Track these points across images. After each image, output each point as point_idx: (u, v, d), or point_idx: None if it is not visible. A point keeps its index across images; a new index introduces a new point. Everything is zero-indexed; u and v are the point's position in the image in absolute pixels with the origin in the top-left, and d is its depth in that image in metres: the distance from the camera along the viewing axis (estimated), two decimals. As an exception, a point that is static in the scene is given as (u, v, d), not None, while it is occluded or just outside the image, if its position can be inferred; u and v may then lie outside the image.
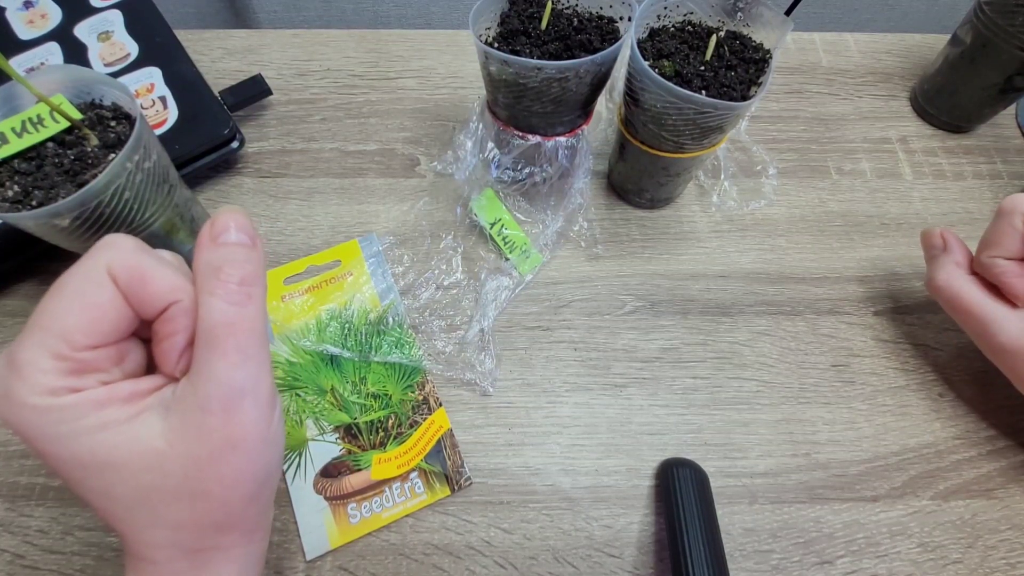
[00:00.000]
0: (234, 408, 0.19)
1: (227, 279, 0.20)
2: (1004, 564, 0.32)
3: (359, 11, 0.70)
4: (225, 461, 0.20)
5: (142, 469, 0.19)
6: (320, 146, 0.45)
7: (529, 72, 0.31)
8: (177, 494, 0.19)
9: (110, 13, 0.44)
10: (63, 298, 0.19)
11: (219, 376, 0.19)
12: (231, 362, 0.19)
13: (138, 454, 0.19)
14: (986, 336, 0.33)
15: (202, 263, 0.20)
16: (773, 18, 0.34)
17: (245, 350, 0.20)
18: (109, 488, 0.19)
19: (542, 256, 0.40)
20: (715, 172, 0.44)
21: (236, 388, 0.19)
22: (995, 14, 0.40)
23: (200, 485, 0.19)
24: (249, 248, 0.21)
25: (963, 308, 0.33)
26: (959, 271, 0.34)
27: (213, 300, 0.19)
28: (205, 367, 0.19)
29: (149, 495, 0.19)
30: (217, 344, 0.19)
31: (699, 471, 0.32)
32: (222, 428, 0.19)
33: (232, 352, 0.19)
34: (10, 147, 0.29)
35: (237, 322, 0.19)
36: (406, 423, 0.35)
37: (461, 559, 0.32)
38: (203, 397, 0.19)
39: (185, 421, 0.19)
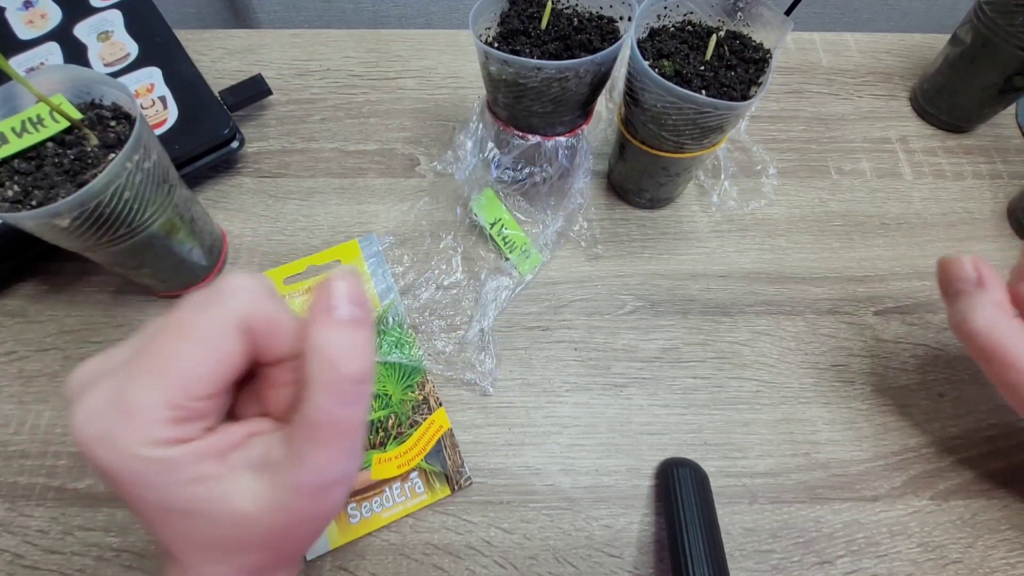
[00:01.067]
0: (325, 496, 0.19)
1: (342, 377, 0.18)
2: (1004, 564, 0.32)
3: (359, 11, 0.70)
4: (303, 530, 0.20)
5: (227, 524, 0.19)
6: (320, 146, 0.45)
7: (529, 72, 0.31)
8: (252, 547, 0.19)
9: (110, 13, 0.44)
10: (190, 343, 0.18)
11: (318, 468, 0.18)
12: (331, 459, 0.18)
13: (224, 511, 0.18)
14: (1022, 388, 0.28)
15: (316, 343, 0.18)
16: (773, 18, 0.34)
17: (346, 448, 0.19)
18: (188, 532, 0.19)
19: (542, 256, 0.40)
20: (715, 172, 0.44)
21: (332, 480, 0.19)
22: (995, 14, 0.40)
23: (275, 543, 0.20)
24: (364, 327, 0.19)
25: (1004, 359, 0.28)
26: (1001, 315, 0.28)
27: (324, 399, 0.18)
28: (304, 455, 0.18)
29: (226, 543, 0.19)
30: (321, 440, 0.18)
31: (699, 471, 0.32)
32: (309, 509, 0.19)
33: (334, 450, 0.19)
34: (10, 147, 0.29)
35: (345, 421, 0.18)
36: (406, 423, 0.35)
37: (461, 559, 0.32)
38: (298, 483, 0.18)
39: (275, 494, 0.19)
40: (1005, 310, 0.28)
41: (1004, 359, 0.28)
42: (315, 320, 0.18)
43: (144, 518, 0.19)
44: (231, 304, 0.18)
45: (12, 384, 0.36)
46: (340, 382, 0.18)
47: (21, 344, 0.37)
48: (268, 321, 0.19)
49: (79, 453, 0.19)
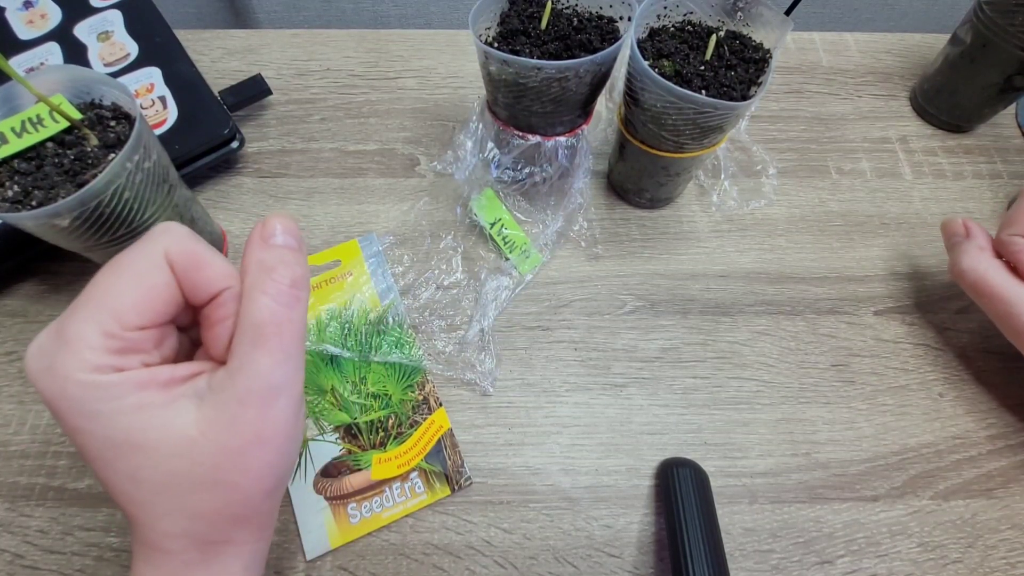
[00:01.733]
0: (270, 404, 0.20)
1: (279, 279, 0.20)
2: (1004, 564, 0.32)
3: (359, 11, 0.70)
4: (253, 454, 0.20)
5: (172, 454, 0.19)
6: (320, 146, 0.45)
7: (529, 72, 0.31)
8: (202, 483, 0.20)
9: (110, 13, 0.44)
10: (120, 277, 0.19)
11: (261, 372, 0.19)
12: (274, 360, 0.20)
13: (170, 439, 0.19)
14: (1010, 318, 0.33)
15: (253, 260, 0.21)
16: (773, 18, 0.34)
17: (288, 349, 0.20)
18: (136, 471, 0.19)
19: (542, 256, 0.40)
20: (715, 172, 0.44)
21: (275, 385, 0.20)
22: (995, 14, 0.40)
23: (225, 476, 0.20)
24: (297, 252, 0.21)
25: (987, 291, 0.33)
26: (983, 254, 0.34)
27: (264, 298, 0.20)
28: (247, 362, 0.19)
29: (174, 481, 0.19)
30: (263, 341, 0.20)
31: (699, 471, 0.32)
32: (256, 422, 0.20)
33: (276, 350, 0.20)
34: (10, 147, 0.29)
35: (284, 322, 0.20)
36: (406, 423, 0.35)
37: (461, 559, 0.32)
38: (242, 391, 0.19)
39: (220, 411, 0.19)
40: (987, 252, 0.34)
41: (988, 290, 0.33)
42: (253, 244, 0.21)
43: (94, 460, 0.19)
44: (157, 242, 0.20)
45: (12, 384, 0.36)
46: (278, 284, 0.20)
47: (21, 344, 0.37)
48: (191, 255, 0.20)
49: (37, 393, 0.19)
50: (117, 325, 0.19)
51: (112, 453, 0.19)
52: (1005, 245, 0.34)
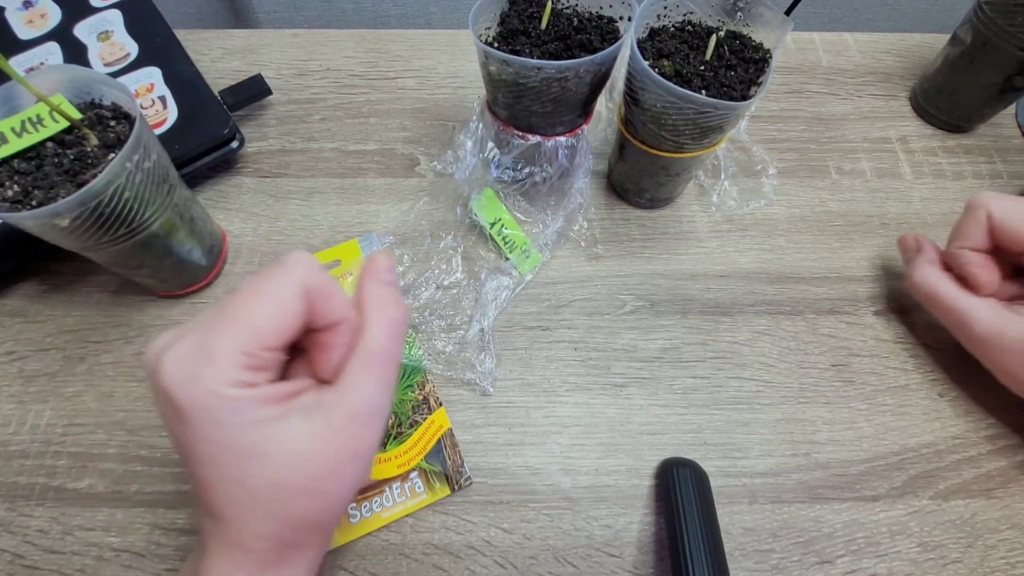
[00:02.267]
0: (369, 424, 0.22)
1: (394, 316, 0.23)
2: (1004, 564, 0.32)
3: (359, 11, 0.70)
4: (349, 468, 0.22)
5: (282, 464, 0.21)
6: (320, 146, 0.45)
7: (529, 72, 0.31)
8: (303, 491, 0.21)
9: (110, 13, 0.44)
10: (262, 302, 0.21)
11: (369, 395, 0.22)
12: (380, 386, 0.22)
13: (282, 450, 0.21)
14: (963, 327, 0.34)
15: (370, 293, 0.23)
16: (773, 18, 0.34)
17: (390, 379, 0.23)
18: (246, 477, 0.21)
19: (542, 256, 0.40)
20: (715, 172, 0.44)
21: (377, 409, 0.22)
22: (995, 14, 0.40)
23: (322, 486, 0.22)
24: (399, 290, 0.25)
25: (938, 302, 0.35)
26: (932, 268, 0.36)
27: (380, 330, 0.23)
28: (359, 384, 0.22)
29: (278, 488, 0.21)
30: (374, 369, 0.22)
31: (699, 471, 0.32)
32: (356, 439, 0.22)
33: (383, 378, 0.23)
34: (10, 147, 0.29)
35: (393, 354, 0.23)
36: (406, 423, 0.35)
37: (461, 559, 0.32)
38: (350, 410, 0.22)
39: (327, 427, 0.21)
40: (936, 265, 0.36)
41: (939, 301, 0.35)
42: (367, 278, 0.24)
43: (205, 464, 0.21)
44: (295, 272, 0.22)
45: (12, 384, 0.36)
46: (393, 320, 0.23)
47: (21, 344, 0.37)
48: (323, 288, 0.22)
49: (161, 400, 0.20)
50: (256, 346, 0.21)
51: (228, 459, 0.21)
52: (953, 258, 0.35)
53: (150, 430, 0.35)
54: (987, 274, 0.34)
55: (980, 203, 0.34)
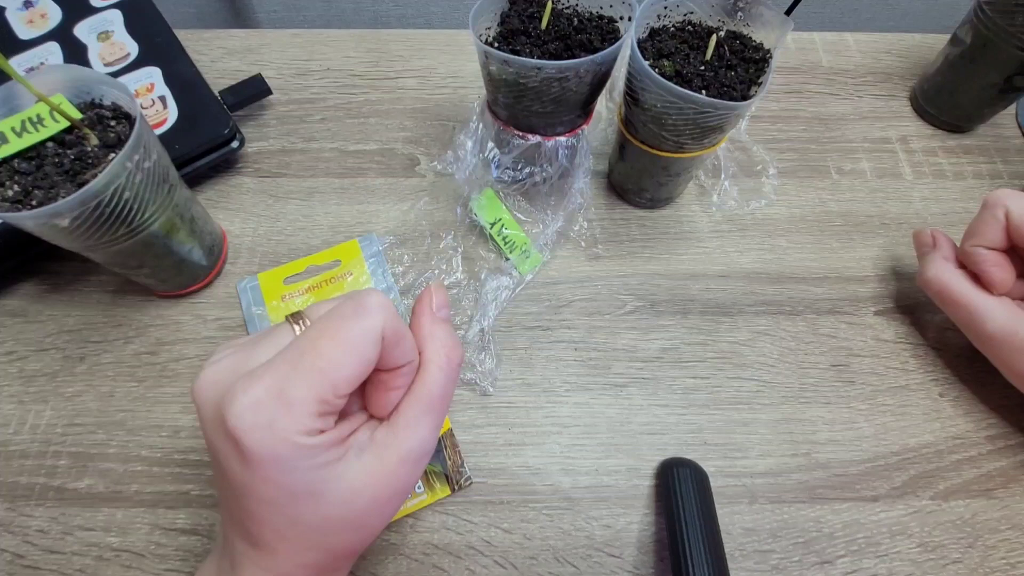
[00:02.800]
0: (420, 464, 0.23)
1: (453, 359, 0.23)
2: (1004, 564, 0.32)
3: (359, 11, 0.70)
4: (393, 503, 0.23)
5: (336, 502, 0.21)
6: (320, 146, 0.45)
7: (529, 72, 0.31)
8: (350, 526, 0.22)
9: (110, 13, 0.44)
10: (342, 350, 0.20)
11: (424, 437, 0.23)
12: (434, 428, 0.23)
13: (338, 490, 0.21)
14: (974, 325, 0.34)
15: (428, 333, 0.24)
16: (773, 18, 0.34)
17: (441, 421, 0.23)
18: (300, 515, 0.21)
19: (542, 256, 0.40)
20: (715, 172, 0.44)
21: (429, 449, 0.23)
22: (995, 14, 0.40)
23: (368, 520, 0.22)
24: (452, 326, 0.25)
25: (951, 299, 0.35)
26: (947, 264, 0.36)
27: (440, 374, 0.23)
28: (415, 427, 0.22)
29: (328, 524, 0.21)
30: (432, 411, 0.23)
31: (699, 471, 0.32)
32: (406, 477, 0.22)
33: (438, 419, 0.23)
34: (10, 147, 0.29)
35: (449, 396, 0.23)
36: (406, 423, 0.35)
37: (461, 559, 0.32)
38: (407, 451, 0.22)
39: (382, 466, 0.22)
40: (951, 262, 0.36)
41: (952, 298, 0.35)
42: (423, 315, 0.24)
43: (266, 504, 0.21)
44: (375, 319, 0.21)
45: (12, 384, 0.36)
46: (452, 363, 0.23)
47: (21, 344, 0.37)
48: (396, 333, 0.22)
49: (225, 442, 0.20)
50: (332, 394, 0.20)
51: (290, 500, 0.21)
52: (968, 256, 0.35)
53: (150, 430, 0.35)
54: (1002, 273, 0.33)
55: (998, 201, 0.33)
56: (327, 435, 0.21)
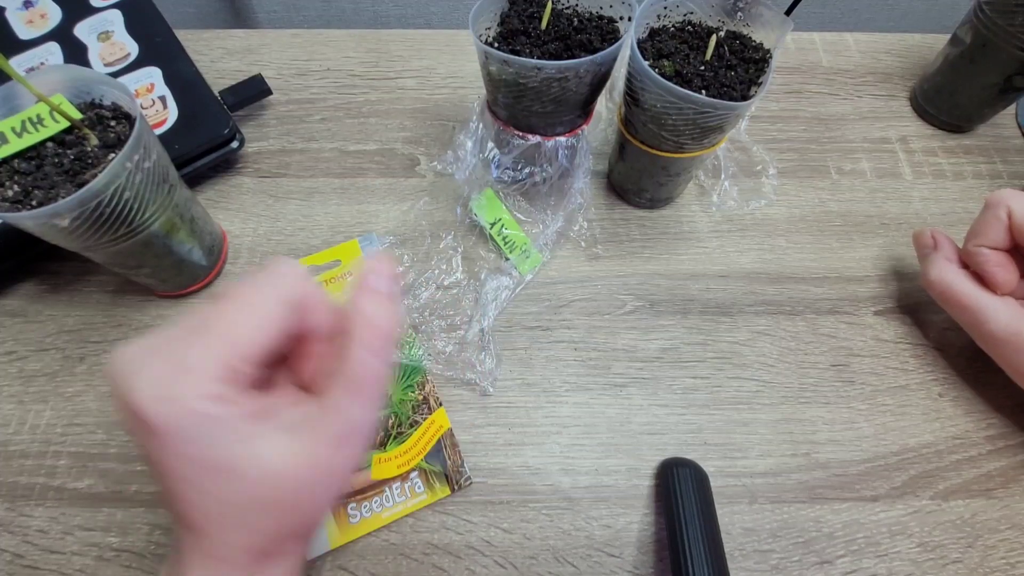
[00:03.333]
0: (351, 444, 0.21)
1: (379, 334, 0.21)
2: (1004, 564, 0.32)
3: (359, 11, 0.70)
4: (325, 484, 0.21)
5: (259, 481, 0.20)
6: (320, 146, 0.45)
7: (529, 72, 0.31)
8: (278, 507, 0.21)
9: (110, 13, 0.44)
10: (244, 314, 0.20)
11: (352, 419, 0.21)
12: (365, 408, 0.21)
13: (260, 468, 0.20)
14: (977, 325, 0.34)
15: (357, 308, 0.22)
16: (773, 18, 0.34)
17: (376, 399, 0.22)
18: (222, 492, 0.20)
19: (542, 256, 0.40)
20: (715, 172, 0.44)
21: (360, 428, 0.21)
22: (995, 14, 0.40)
23: (299, 502, 0.21)
24: (393, 302, 0.22)
25: (955, 300, 0.35)
26: (950, 265, 0.35)
27: (364, 352, 0.21)
28: (341, 407, 0.21)
29: (255, 504, 0.20)
30: (358, 391, 0.21)
31: (699, 471, 0.32)
32: (334, 459, 0.21)
33: (368, 399, 0.21)
34: (10, 147, 0.29)
35: (379, 375, 0.22)
36: (406, 423, 0.35)
37: (461, 559, 0.32)
38: (332, 433, 0.21)
39: (307, 448, 0.21)
40: (954, 263, 0.36)
41: (955, 299, 0.35)
42: (359, 287, 0.22)
43: (182, 481, 0.20)
44: (281, 282, 0.21)
45: (12, 384, 0.36)
46: (378, 339, 0.21)
47: (21, 344, 0.37)
48: (307, 298, 0.21)
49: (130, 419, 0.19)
50: (238, 359, 0.19)
51: (205, 476, 0.20)
52: (971, 256, 0.35)
53: (150, 430, 0.35)
54: (1005, 273, 0.33)
55: (1000, 201, 0.33)
56: (238, 406, 0.20)
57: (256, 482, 0.20)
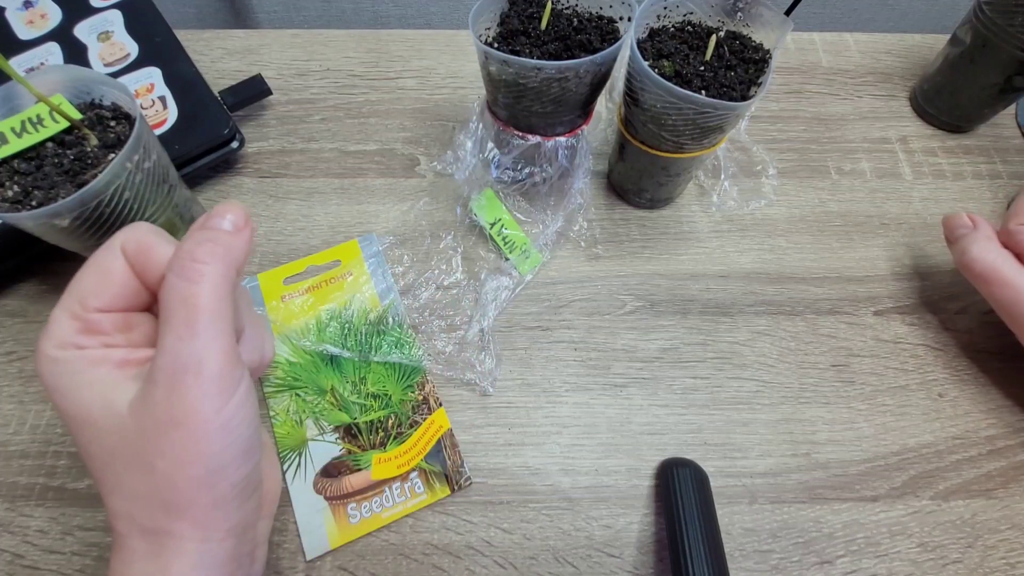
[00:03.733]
0: (177, 384, 0.20)
1: (183, 256, 0.21)
2: (1004, 564, 0.32)
3: (359, 11, 0.70)
4: (168, 437, 0.20)
5: (109, 431, 0.20)
6: (320, 146, 0.45)
7: (529, 72, 0.31)
8: (132, 462, 0.20)
9: (110, 13, 0.44)
10: (86, 267, 0.22)
11: (166, 349, 0.20)
12: (177, 336, 0.20)
13: (108, 416, 0.20)
14: (1018, 306, 0.33)
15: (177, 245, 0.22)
16: (773, 18, 0.34)
17: (192, 326, 0.20)
18: (88, 444, 0.21)
19: (542, 256, 0.40)
20: (715, 172, 0.44)
21: (179, 364, 0.20)
22: (995, 14, 0.40)
23: (147, 457, 0.20)
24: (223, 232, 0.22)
25: (997, 279, 0.34)
26: (992, 244, 0.35)
27: (170, 275, 0.20)
28: (160, 340, 0.20)
29: (113, 458, 0.21)
30: (168, 318, 0.20)
31: (699, 471, 0.32)
32: (164, 403, 0.20)
33: (179, 326, 0.20)
34: (10, 147, 0.29)
35: (187, 297, 0.20)
36: (406, 423, 0.35)
37: (461, 559, 0.32)
38: (154, 369, 0.20)
39: (143, 392, 0.20)
40: (995, 242, 0.35)
41: (996, 277, 0.34)
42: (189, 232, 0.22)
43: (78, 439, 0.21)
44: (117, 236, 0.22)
45: (12, 384, 0.36)
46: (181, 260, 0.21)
47: (21, 344, 0.37)
48: (141, 242, 0.22)
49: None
50: (80, 307, 0.21)
51: (72, 425, 0.21)
52: (1013, 235, 0.34)
53: (150, 430, 0.35)
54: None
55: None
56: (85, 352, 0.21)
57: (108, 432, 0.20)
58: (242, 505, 0.22)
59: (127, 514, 0.21)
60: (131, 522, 0.21)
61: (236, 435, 0.21)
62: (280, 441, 0.34)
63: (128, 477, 0.20)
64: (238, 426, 0.21)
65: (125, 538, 0.21)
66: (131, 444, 0.20)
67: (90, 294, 0.21)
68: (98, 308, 0.21)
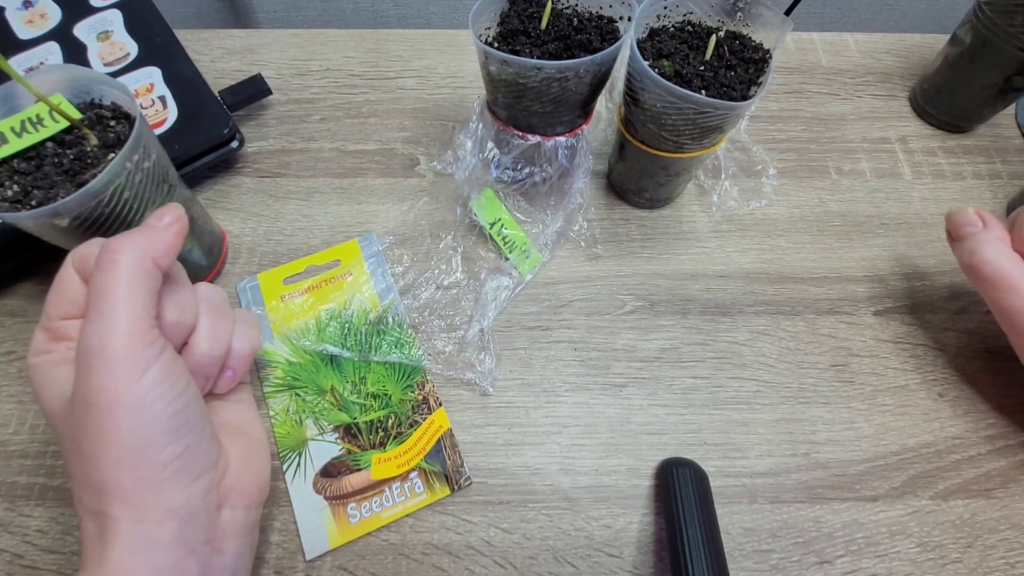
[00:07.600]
0: (87, 367, 0.21)
1: (103, 249, 0.23)
2: (1003, 564, 0.32)
3: (359, 11, 0.70)
4: (85, 418, 0.21)
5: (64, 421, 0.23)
6: (320, 146, 0.45)
7: (529, 72, 0.31)
8: (69, 446, 0.23)
9: (110, 13, 0.44)
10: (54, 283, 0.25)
11: (81, 335, 0.22)
12: (88, 321, 0.22)
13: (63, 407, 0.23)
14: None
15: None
16: (773, 18, 0.34)
17: (101, 310, 0.21)
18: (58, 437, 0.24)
19: (542, 256, 0.40)
20: (715, 172, 0.44)
21: (86, 346, 0.21)
22: (995, 14, 0.40)
23: (76, 440, 0.22)
24: (147, 227, 0.25)
25: (1007, 285, 0.32)
26: (1003, 246, 0.33)
27: (93, 269, 0.23)
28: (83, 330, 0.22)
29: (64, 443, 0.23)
30: (88, 307, 0.22)
31: (699, 471, 0.32)
32: (80, 385, 0.21)
33: (91, 312, 0.22)
34: (9, 147, 0.29)
35: (97, 283, 0.22)
36: (406, 423, 0.35)
37: (461, 559, 0.32)
38: (73, 356, 0.22)
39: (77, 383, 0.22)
40: (1007, 244, 0.33)
41: (1007, 282, 0.32)
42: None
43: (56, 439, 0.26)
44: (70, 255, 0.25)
45: (12, 384, 0.36)
46: (101, 252, 0.23)
47: (21, 344, 0.37)
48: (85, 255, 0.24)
49: None
50: (46, 318, 0.24)
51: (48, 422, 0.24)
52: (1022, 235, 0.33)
53: (150, 430, 0.35)
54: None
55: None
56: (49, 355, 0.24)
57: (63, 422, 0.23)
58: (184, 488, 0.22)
59: (78, 498, 0.23)
60: (81, 505, 0.22)
61: (152, 413, 0.21)
62: (280, 441, 0.34)
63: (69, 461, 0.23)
64: (153, 403, 0.21)
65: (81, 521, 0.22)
66: (65, 426, 0.23)
67: (51, 305, 0.24)
68: (60, 316, 0.24)
